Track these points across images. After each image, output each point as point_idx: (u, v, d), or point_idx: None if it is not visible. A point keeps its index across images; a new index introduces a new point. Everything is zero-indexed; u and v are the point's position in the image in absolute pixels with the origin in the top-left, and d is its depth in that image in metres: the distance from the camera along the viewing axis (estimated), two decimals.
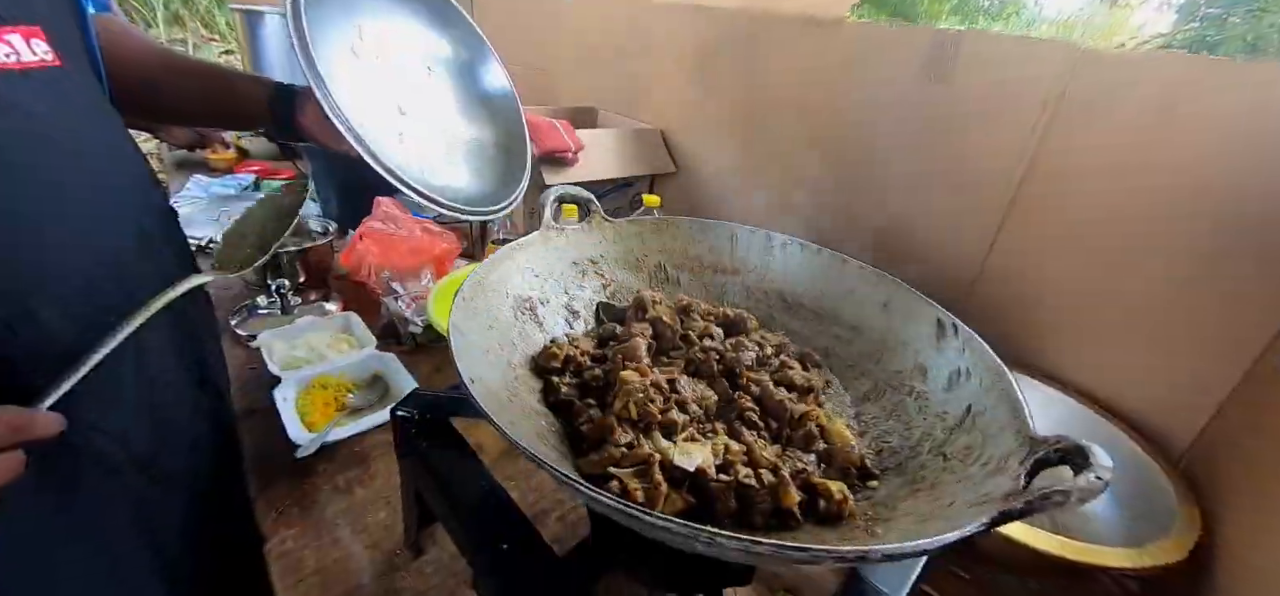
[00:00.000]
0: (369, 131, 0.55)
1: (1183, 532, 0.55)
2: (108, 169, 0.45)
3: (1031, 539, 0.51)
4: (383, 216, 1.01)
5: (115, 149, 0.47)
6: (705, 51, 1.12)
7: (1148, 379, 0.72)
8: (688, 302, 0.54)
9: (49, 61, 0.39)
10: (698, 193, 1.20)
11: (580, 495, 0.28)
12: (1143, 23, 5.22)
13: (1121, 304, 0.72)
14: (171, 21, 4.13)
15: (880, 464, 0.42)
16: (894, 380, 0.49)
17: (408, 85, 0.67)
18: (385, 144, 0.60)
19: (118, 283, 0.42)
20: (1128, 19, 5.04)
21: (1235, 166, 0.62)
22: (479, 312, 0.43)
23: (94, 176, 0.43)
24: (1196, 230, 0.65)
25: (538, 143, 1.01)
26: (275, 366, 0.78)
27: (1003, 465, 0.33)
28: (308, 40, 0.51)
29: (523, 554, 0.41)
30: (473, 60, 0.74)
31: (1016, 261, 0.80)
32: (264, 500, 0.64)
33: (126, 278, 0.43)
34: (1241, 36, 4.00)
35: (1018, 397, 0.37)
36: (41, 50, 0.39)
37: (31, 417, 0.34)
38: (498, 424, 0.31)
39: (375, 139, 0.55)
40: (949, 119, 0.82)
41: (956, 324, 0.46)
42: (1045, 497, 0.26)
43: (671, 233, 0.62)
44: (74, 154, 0.41)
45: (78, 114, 0.42)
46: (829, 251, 0.59)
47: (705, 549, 0.25)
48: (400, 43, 0.67)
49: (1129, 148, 0.68)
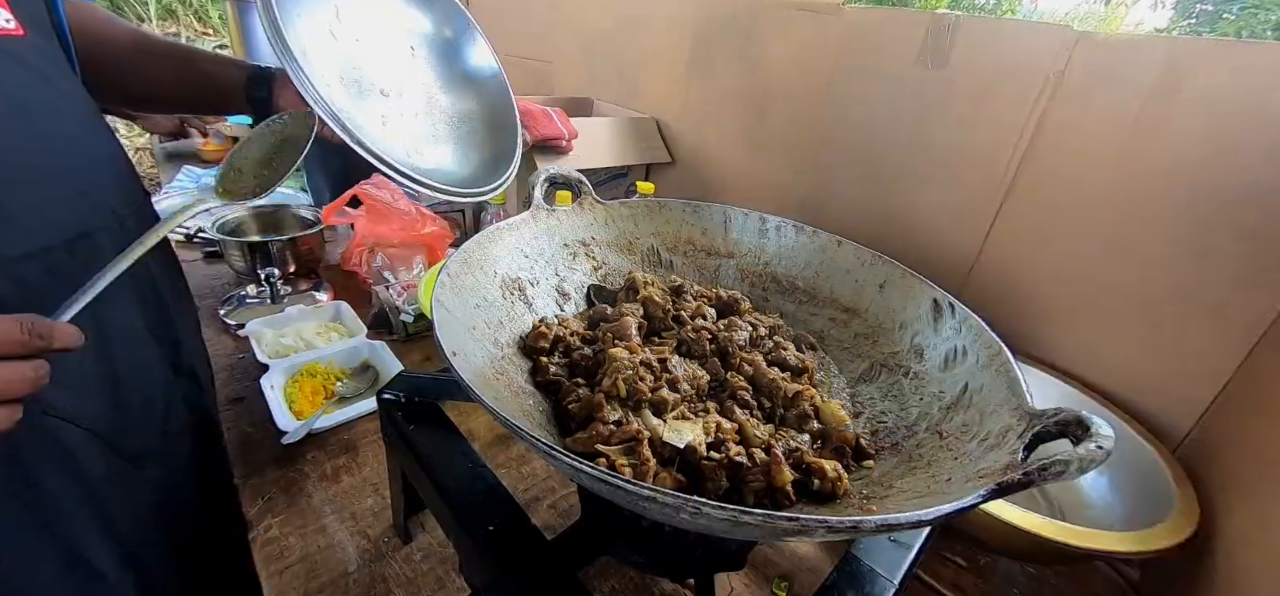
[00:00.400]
0: (349, 114, 0.54)
1: (1181, 519, 0.55)
2: (72, 143, 0.44)
3: (1029, 523, 0.51)
4: (379, 183, 1.00)
5: (86, 124, 0.46)
6: (701, 39, 1.11)
7: (1146, 365, 0.71)
8: (680, 284, 0.53)
9: (10, 29, 0.39)
10: (693, 181, 1.19)
11: (564, 466, 0.27)
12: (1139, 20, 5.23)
13: (1119, 289, 0.72)
14: (164, 15, 4.10)
15: (876, 444, 0.41)
16: (890, 361, 0.48)
17: (390, 66, 0.65)
18: (368, 127, 0.58)
19: (75, 255, 0.41)
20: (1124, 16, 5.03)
21: (1235, 145, 0.61)
22: (465, 290, 0.42)
23: (59, 145, 0.42)
24: (1196, 210, 0.64)
25: (532, 130, 1.00)
26: (263, 354, 0.77)
27: (1000, 440, 0.32)
28: (278, 20, 0.49)
29: (510, 537, 0.40)
30: (458, 39, 0.72)
31: (1013, 248, 0.80)
32: (249, 488, 0.62)
33: (88, 250, 0.41)
34: (1237, 33, 4.01)
35: (1015, 373, 0.36)
36: (5, 20, 0.38)
37: (53, 326, 0.33)
38: (480, 397, 0.29)
39: (357, 122, 0.54)
40: (946, 106, 0.81)
41: (954, 302, 0.46)
42: (1044, 469, 0.25)
43: (665, 215, 0.61)
44: (36, 121, 0.40)
45: (41, 84, 0.41)
46: (825, 233, 0.58)
47: (691, 520, 0.24)
48: (381, 22, 0.66)
49: (1126, 130, 0.68)
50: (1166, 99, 0.64)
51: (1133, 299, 0.71)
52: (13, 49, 0.40)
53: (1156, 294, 0.69)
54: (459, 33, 0.72)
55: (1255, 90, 0.59)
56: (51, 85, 0.43)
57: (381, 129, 0.62)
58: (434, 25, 0.70)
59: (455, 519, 0.41)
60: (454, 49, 0.71)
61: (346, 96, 0.59)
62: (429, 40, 0.69)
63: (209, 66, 0.66)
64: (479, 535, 0.39)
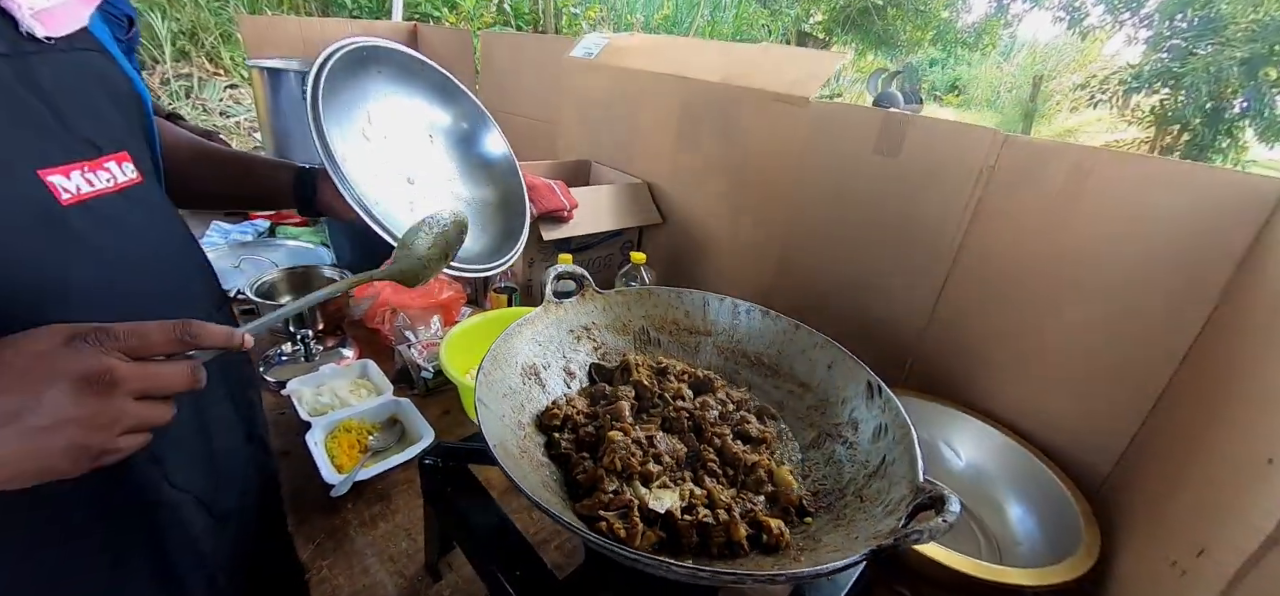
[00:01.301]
0: (381, 206, 0.65)
1: (1084, 556, 0.66)
2: (182, 262, 0.55)
3: (953, 561, 0.62)
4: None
5: (185, 243, 0.57)
6: (689, 115, 1.24)
7: (1071, 415, 0.83)
8: (665, 364, 0.65)
9: (134, 179, 0.48)
10: (683, 240, 1.32)
11: (577, 531, 0.38)
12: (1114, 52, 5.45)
13: (1049, 349, 0.84)
14: (178, 57, 4.27)
15: (816, 504, 0.52)
16: (833, 431, 0.60)
17: (414, 156, 0.76)
18: (397, 214, 0.70)
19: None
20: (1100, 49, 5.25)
21: (1125, 235, 0.74)
22: (495, 383, 0.54)
23: (173, 268, 0.53)
24: (1103, 286, 0.77)
25: (537, 204, 1.12)
26: (305, 412, 0.88)
27: (896, 508, 0.43)
28: (325, 134, 0.61)
29: (532, 579, 0.51)
30: (473, 129, 0.83)
31: (958, 312, 0.92)
32: (301, 535, 0.73)
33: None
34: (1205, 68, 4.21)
35: (916, 452, 0.48)
36: (130, 171, 0.47)
37: (203, 327, 0.40)
38: (516, 482, 0.41)
39: (387, 212, 0.65)
40: (899, 187, 0.94)
41: (881, 386, 0.57)
42: (906, 535, 0.36)
43: (653, 301, 0.73)
44: (157, 252, 0.50)
45: (159, 220, 0.51)
46: (786, 318, 0.70)
47: (668, 574, 0.36)
48: (405, 120, 0.77)
49: (1045, 217, 0.80)
50: (1073, 196, 0.77)
51: (1061, 358, 0.83)
52: (137, 195, 0.50)
53: (1078, 355, 0.81)
54: (474, 124, 0.83)
55: (1137, 192, 0.72)
56: (165, 217, 0.54)
57: (409, 214, 0.73)
58: (452, 118, 0.81)
59: (487, 564, 0.52)
60: (470, 138, 0.82)
61: (378, 189, 0.70)
62: (446, 130, 0.80)
63: (262, 171, 0.76)
64: (508, 578, 0.50)
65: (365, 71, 0.71)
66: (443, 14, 4.78)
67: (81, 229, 0.42)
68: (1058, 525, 0.74)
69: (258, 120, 1.79)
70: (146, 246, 0.49)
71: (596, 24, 5.62)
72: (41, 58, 0.41)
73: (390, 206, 0.69)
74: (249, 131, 4.07)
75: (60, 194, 0.40)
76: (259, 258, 1.44)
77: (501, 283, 1.22)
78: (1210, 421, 0.62)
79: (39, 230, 0.39)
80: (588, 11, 5.64)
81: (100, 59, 0.48)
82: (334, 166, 0.61)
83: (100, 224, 0.43)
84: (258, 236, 1.57)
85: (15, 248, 0.38)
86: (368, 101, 0.73)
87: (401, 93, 0.77)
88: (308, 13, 4.58)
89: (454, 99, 0.82)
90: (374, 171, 0.71)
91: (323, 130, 0.62)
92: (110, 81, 0.49)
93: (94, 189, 0.43)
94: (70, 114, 0.43)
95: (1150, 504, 0.68)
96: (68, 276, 0.41)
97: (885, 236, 0.97)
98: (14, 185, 0.38)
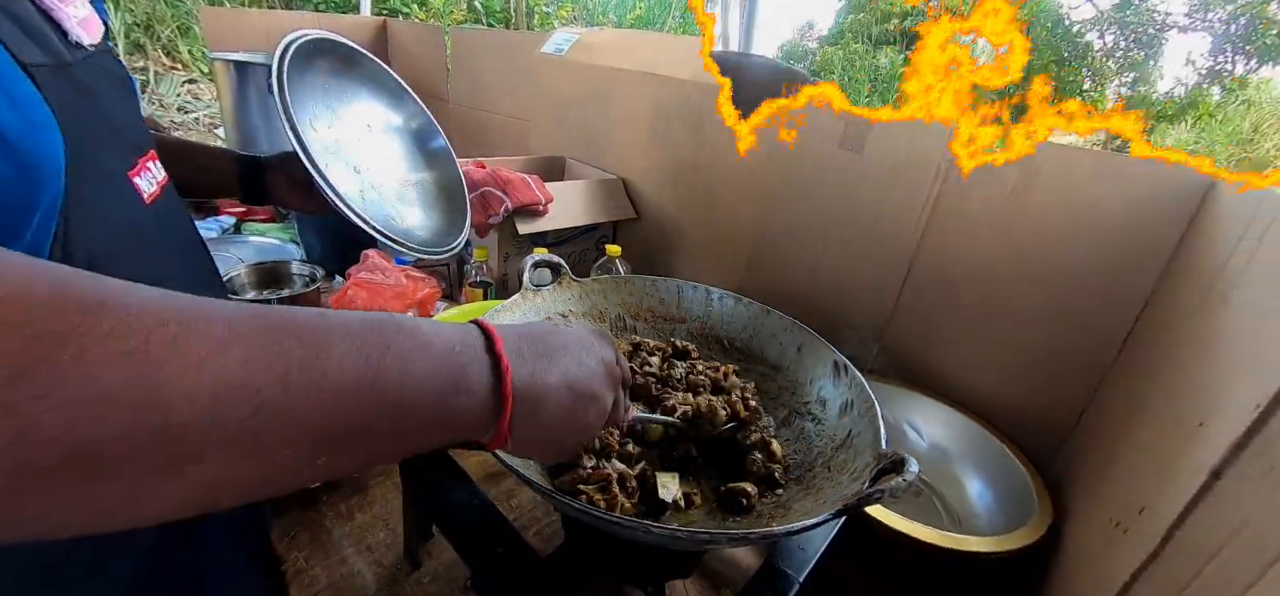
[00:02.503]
0: (345, 194, 0.67)
1: (1036, 524, 0.70)
2: (205, 251, 0.57)
3: (917, 532, 0.65)
4: (371, 266, 1.11)
5: (196, 236, 0.58)
6: (660, 114, 1.26)
7: (1025, 396, 0.88)
8: (639, 342, 0.67)
9: (166, 177, 0.49)
10: (657, 235, 1.34)
11: (562, 505, 0.39)
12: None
13: (1006, 335, 0.88)
14: (132, 50, 4.10)
15: (787, 476, 0.55)
16: (803, 409, 0.62)
17: (357, 147, 0.79)
18: (354, 202, 0.71)
19: None
20: None
21: (1072, 228, 0.78)
22: None
23: (203, 257, 0.55)
24: (1054, 274, 0.82)
25: (512, 197, 1.13)
26: None
27: (860, 474, 0.46)
28: (298, 126, 0.63)
29: (514, 558, 0.52)
30: (407, 119, 0.88)
31: (921, 300, 0.96)
32: (278, 528, 0.73)
33: None
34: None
35: (879, 423, 0.51)
36: (161, 169, 0.48)
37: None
38: (501, 458, 0.42)
39: (349, 199, 0.67)
40: (863, 182, 0.98)
41: (847, 365, 0.60)
42: (869, 496, 0.39)
43: (629, 288, 0.75)
44: (193, 242, 0.53)
45: (181, 215, 0.53)
46: (757, 304, 0.72)
47: (644, 536, 0.37)
48: (346, 112, 0.80)
49: (999, 212, 0.85)
50: (1025, 191, 0.82)
51: (1015, 343, 0.88)
52: (170, 190, 0.49)
53: (1030, 341, 0.86)
54: (410, 116, 0.88)
55: (1083, 186, 0.77)
56: (185, 209, 0.54)
57: (362, 202, 0.75)
58: (386, 109, 0.85)
59: (468, 545, 0.53)
60: (406, 129, 0.87)
61: (335, 179, 0.71)
62: (384, 122, 0.85)
63: (202, 158, 0.75)
64: (491, 555, 0.51)
65: (311, 66, 0.72)
66: (412, 10, 4.71)
67: (159, 227, 0.43)
68: (1013, 498, 0.79)
69: (221, 116, 1.74)
70: (187, 238, 0.51)
71: (569, 23, 5.62)
72: (87, 65, 0.42)
73: (349, 197, 0.70)
74: (210, 127, 3.93)
75: (144, 194, 0.42)
76: (226, 253, 1.40)
77: (477, 277, 1.22)
78: (1149, 395, 0.66)
79: (139, 233, 0.41)
80: (560, 10, 5.64)
81: (112, 60, 0.49)
82: (309, 159, 0.62)
83: (164, 221, 0.45)
84: (223, 233, 1.54)
85: (129, 255, 0.39)
86: (318, 94, 0.74)
87: (345, 85, 0.79)
88: (270, 5, 4.45)
89: (390, 90, 0.85)
90: (324, 163, 0.72)
91: (295, 123, 0.63)
92: (127, 82, 0.50)
93: (154, 188, 0.44)
94: (116, 117, 0.43)
95: (1096, 474, 0.72)
96: (163, 275, 0.42)
97: (852, 233, 1.01)
98: (117, 191, 0.39)
